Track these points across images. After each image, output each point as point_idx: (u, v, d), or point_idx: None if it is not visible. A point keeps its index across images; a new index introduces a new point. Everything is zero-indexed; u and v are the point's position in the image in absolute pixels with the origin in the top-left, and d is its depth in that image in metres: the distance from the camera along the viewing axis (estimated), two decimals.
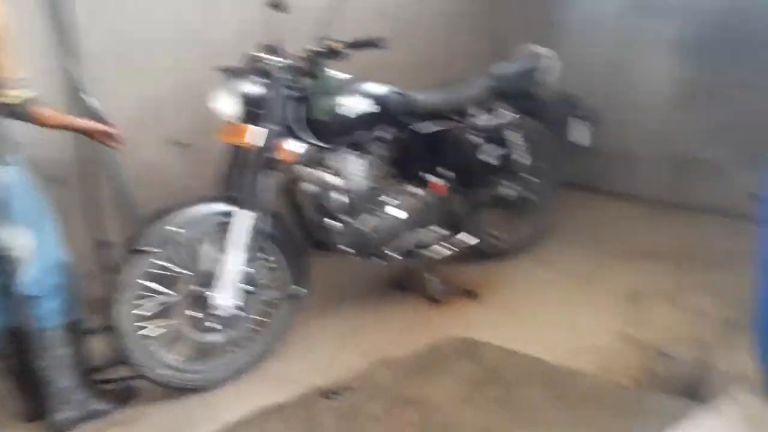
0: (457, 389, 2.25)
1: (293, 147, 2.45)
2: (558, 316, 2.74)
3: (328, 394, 2.34)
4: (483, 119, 3.00)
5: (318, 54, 2.48)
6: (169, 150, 3.23)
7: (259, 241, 2.48)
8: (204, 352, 2.51)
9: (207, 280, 2.40)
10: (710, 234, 3.34)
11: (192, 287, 2.40)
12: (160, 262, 2.34)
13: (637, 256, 3.19)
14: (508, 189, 3.15)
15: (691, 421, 1.82)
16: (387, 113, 2.70)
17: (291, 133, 2.53)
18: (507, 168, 3.09)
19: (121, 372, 2.48)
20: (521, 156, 3.15)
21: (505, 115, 3.07)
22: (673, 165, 3.75)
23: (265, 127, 2.42)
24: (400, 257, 2.85)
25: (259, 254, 2.51)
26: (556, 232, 3.48)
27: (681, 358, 2.22)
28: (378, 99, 2.66)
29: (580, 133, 3.34)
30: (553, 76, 3.26)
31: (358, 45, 2.45)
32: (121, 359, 2.34)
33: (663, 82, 3.67)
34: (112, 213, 2.90)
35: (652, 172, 3.83)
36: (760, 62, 3.23)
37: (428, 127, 2.87)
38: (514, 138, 3.09)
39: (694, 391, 2.10)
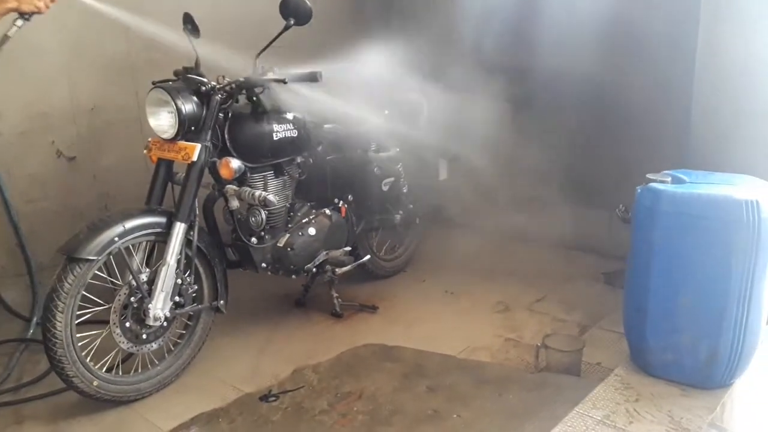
0: (389, 383, 2.52)
1: (234, 164, 2.58)
2: (447, 324, 3.13)
3: (266, 397, 2.46)
4: (378, 152, 3.37)
5: (252, 82, 2.66)
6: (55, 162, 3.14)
7: (189, 253, 2.56)
8: (130, 363, 2.50)
9: (139, 290, 2.41)
10: (545, 259, 3.99)
11: (127, 298, 2.39)
12: (98, 272, 2.33)
13: (492, 276, 3.73)
14: (393, 214, 3.52)
15: (584, 390, 2.30)
16: (303, 139, 2.95)
17: (223, 152, 2.66)
18: (394, 196, 3.48)
19: None
20: (403, 185, 3.57)
21: (393, 149, 3.47)
22: (512, 201, 4.43)
23: (200, 144, 2.53)
24: (312, 273, 3.07)
25: (186, 266, 2.58)
26: (422, 255, 3.93)
27: (556, 348, 2.73)
28: (297, 125, 2.90)
29: (440, 168, 3.89)
30: (422, 118, 3.76)
31: (294, 77, 2.67)
32: (55, 371, 2.25)
33: (502, 127, 4.33)
34: None
35: (494, 206, 4.48)
36: (579, 114, 3.94)
37: (335, 155, 3.16)
38: (400, 169, 3.50)
39: (573, 371, 2.62)
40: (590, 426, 2.05)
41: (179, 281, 2.52)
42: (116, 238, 2.34)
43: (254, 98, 2.71)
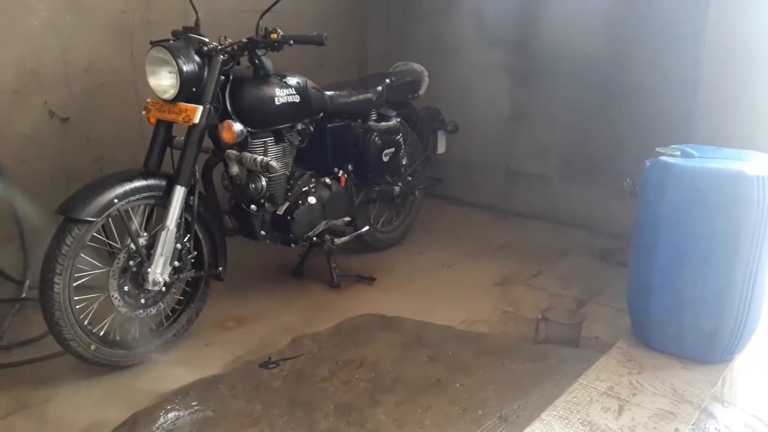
0: (390, 352, 2.51)
1: (236, 127, 2.52)
2: (444, 296, 3.11)
3: (266, 364, 2.44)
4: (379, 122, 3.32)
5: (255, 43, 2.59)
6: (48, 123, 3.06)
7: (188, 218, 2.51)
8: (127, 328, 2.46)
9: (138, 254, 2.37)
10: (540, 235, 3.99)
11: (126, 261, 2.35)
12: (97, 235, 2.28)
13: (488, 251, 3.72)
14: (392, 186, 3.48)
15: (586, 362, 2.30)
16: (305, 105, 2.88)
17: (224, 115, 2.60)
18: (393, 167, 3.44)
19: None
20: (403, 157, 3.53)
21: (393, 119, 3.42)
22: (507, 176, 4.42)
23: (202, 105, 2.47)
24: (310, 243, 3.03)
25: (186, 231, 2.53)
26: (418, 228, 3.91)
27: (557, 321, 2.73)
28: (299, 91, 2.83)
29: (438, 141, 3.85)
30: (423, 89, 3.71)
31: (298, 39, 2.61)
32: (52, 334, 2.21)
33: (501, 102, 4.30)
34: None
35: (489, 181, 4.46)
36: (578, 90, 3.88)
37: (337, 123, 3.11)
38: (399, 140, 3.46)
39: (572, 344, 2.63)
40: (594, 397, 2.05)
41: (179, 246, 2.47)
42: (116, 200, 2.29)
43: (257, 61, 2.64)
